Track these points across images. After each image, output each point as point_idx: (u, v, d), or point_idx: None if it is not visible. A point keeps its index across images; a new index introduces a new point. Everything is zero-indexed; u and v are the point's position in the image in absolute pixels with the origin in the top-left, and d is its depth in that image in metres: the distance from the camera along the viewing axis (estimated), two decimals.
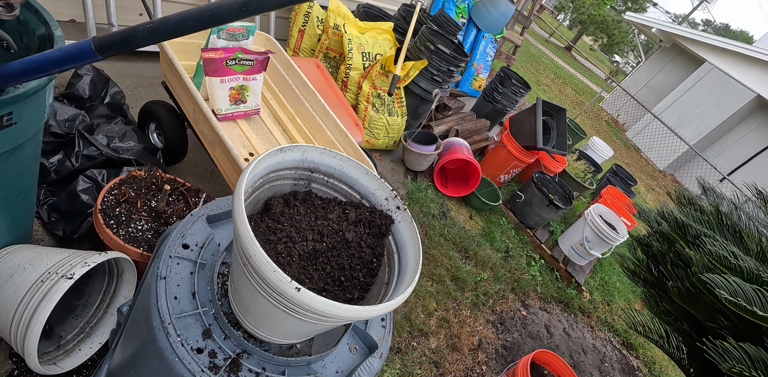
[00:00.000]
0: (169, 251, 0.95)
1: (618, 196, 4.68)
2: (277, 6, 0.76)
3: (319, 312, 0.71)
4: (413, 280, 0.86)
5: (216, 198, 1.16)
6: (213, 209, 1.10)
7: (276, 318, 0.82)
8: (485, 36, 5.64)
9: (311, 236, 0.94)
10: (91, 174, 1.85)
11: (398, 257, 1.01)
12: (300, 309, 0.72)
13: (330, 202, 1.06)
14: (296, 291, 0.67)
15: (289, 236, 0.92)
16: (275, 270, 0.67)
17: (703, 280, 1.31)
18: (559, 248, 4.04)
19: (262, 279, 0.71)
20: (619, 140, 11.71)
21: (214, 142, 1.83)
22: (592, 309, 3.80)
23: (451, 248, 3.35)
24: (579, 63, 23.12)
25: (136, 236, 1.63)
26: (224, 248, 1.06)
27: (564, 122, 4.22)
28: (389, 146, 3.67)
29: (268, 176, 0.94)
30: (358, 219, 1.02)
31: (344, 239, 0.98)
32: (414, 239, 0.99)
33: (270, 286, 0.70)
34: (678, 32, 12.55)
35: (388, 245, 1.04)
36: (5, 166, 1.20)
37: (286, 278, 0.67)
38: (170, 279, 0.91)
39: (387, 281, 0.98)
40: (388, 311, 0.78)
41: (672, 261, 1.77)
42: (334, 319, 0.75)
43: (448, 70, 3.47)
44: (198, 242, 1.01)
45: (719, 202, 2.04)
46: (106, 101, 2.34)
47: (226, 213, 1.13)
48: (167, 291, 0.89)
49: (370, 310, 0.74)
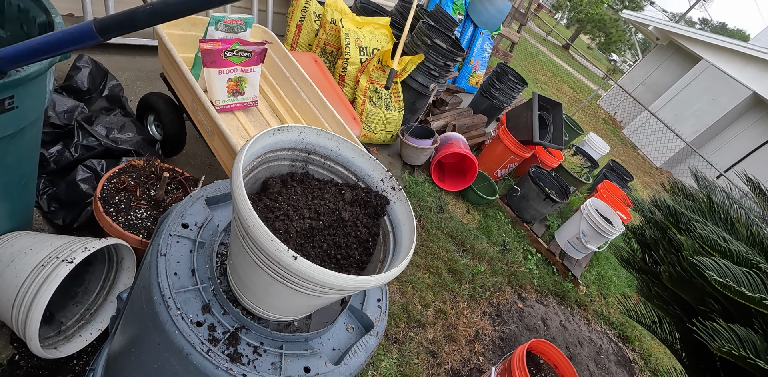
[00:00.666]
0: (169, 229, 0.97)
1: (614, 190, 4.71)
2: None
3: (316, 281, 0.73)
4: (408, 254, 0.88)
5: (215, 181, 1.18)
6: (212, 191, 1.13)
7: (273, 292, 0.84)
8: (482, 33, 5.66)
9: (308, 214, 0.97)
10: (90, 164, 1.86)
11: (393, 236, 1.03)
12: (297, 278, 0.74)
13: (327, 183, 1.08)
14: (293, 260, 0.70)
15: (287, 214, 0.94)
16: (273, 239, 0.69)
17: (694, 263, 1.33)
18: (555, 242, 4.07)
19: (260, 249, 0.73)
20: (616, 137, 11.76)
21: (213, 132, 1.85)
22: (588, 302, 3.83)
23: (448, 242, 3.37)
24: (576, 61, 23.17)
25: (135, 224, 1.65)
26: (222, 229, 1.08)
27: (560, 117, 4.25)
28: (386, 140, 3.69)
29: (265, 156, 0.96)
30: (354, 199, 1.04)
31: (340, 218, 1.00)
32: (408, 218, 1.01)
33: (268, 256, 0.72)
34: (674, 30, 12.60)
35: (383, 225, 1.06)
36: (7, 150, 1.21)
37: (283, 247, 0.69)
38: (170, 256, 0.93)
39: (382, 259, 1.00)
40: (384, 282, 0.80)
41: (664, 248, 1.80)
42: (329, 289, 0.78)
43: (445, 64, 3.49)
44: (197, 222, 1.03)
45: (711, 191, 2.07)
46: (105, 93, 2.36)
47: (224, 195, 1.15)
48: (167, 267, 0.91)
49: (366, 280, 0.76)
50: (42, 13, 1.25)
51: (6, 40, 1.37)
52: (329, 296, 0.85)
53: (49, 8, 1.22)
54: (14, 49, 0.98)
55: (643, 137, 12.11)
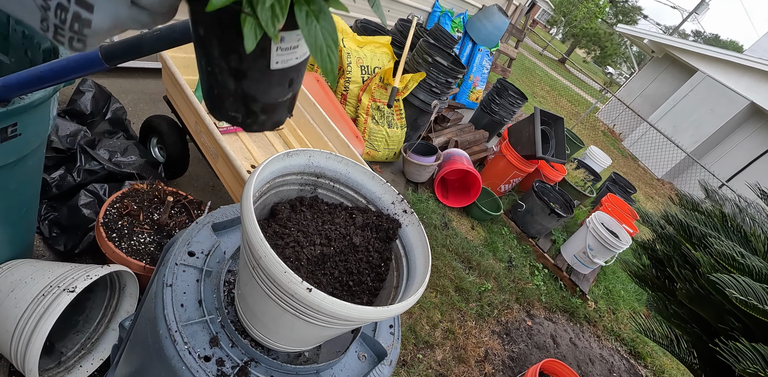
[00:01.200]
0: (175, 258, 0.94)
1: (619, 203, 4.68)
2: None
3: (330, 314, 0.70)
4: (423, 282, 0.85)
5: (221, 206, 1.15)
6: (218, 217, 1.10)
7: (285, 323, 0.81)
8: (481, 49, 5.71)
9: (319, 240, 0.94)
10: (92, 188, 1.84)
11: (406, 260, 1.00)
12: (310, 310, 0.71)
13: (336, 207, 1.05)
14: (307, 292, 0.66)
15: (297, 241, 0.91)
16: (286, 271, 0.66)
17: (712, 280, 1.30)
18: (562, 257, 4.02)
19: (272, 281, 0.70)
20: (616, 149, 11.77)
21: (217, 154, 1.84)
22: (597, 318, 3.76)
23: (454, 259, 3.33)
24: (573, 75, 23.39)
25: (138, 249, 1.62)
26: (230, 255, 1.05)
27: (562, 131, 4.25)
28: (389, 157, 3.68)
29: (274, 180, 0.94)
30: (365, 223, 1.01)
31: (352, 244, 0.97)
32: (422, 242, 0.98)
33: (280, 288, 0.69)
34: (669, 43, 12.73)
35: (396, 249, 1.03)
36: (9, 177, 1.19)
37: (297, 279, 0.66)
38: (176, 287, 0.90)
39: (396, 285, 0.97)
40: (400, 312, 0.77)
41: (678, 263, 1.76)
42: (344, 321, 0.74)
43: (446, 81, 3.50)
44: (204, 249, 1.00)
45: (722, 204, 2.04)
46: (108, 116, 2.35)
47: (231, 221, 1.12)
48: (173, 299, 0.87)
49: (382, 311, 0.73)
50: (46, 39, 1.24)
51: (10, 66, 1.36)
52: (343, 327, 0.82)
53: None
54: (18, 77, 0.96)
55: (643, 149, 12.13)
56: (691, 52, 11.95)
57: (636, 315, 4.13)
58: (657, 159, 11.57)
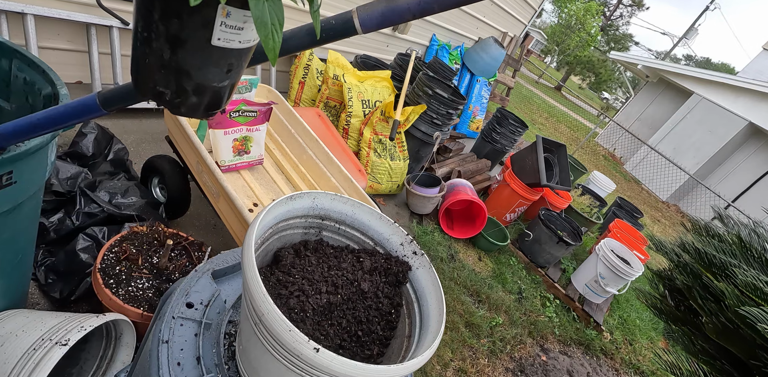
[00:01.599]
0: (172, 311, 0.88)
1: (627, 229, 4.60)
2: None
3: (340, 375, 0.64)
4: (438, 333, 0.79)
5: (221, 251, 1.10)
6: (218, 264, 1.05)
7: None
8: (479, 80, 5.79)
9: (325, 288, 0.88)
10: (91, 232, 1.80)
11: (419, 306, 0.95)
12: (317, 371, 0.65)
13: (342, 250, 1.01)
14: (315, 352, 0.61)
15: (302, 290, 0.86)
16: (291, 329, 0.60)
17: (741, 314, 1.22)
18: (573, 287, 3.91)
19: (276, 339, 0.64)
20: (618, 173, 11.75)
21: (218, 193, 1.80)
22: (614, 349, 3.62)
23: (462, 293, 3.23)
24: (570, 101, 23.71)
25: (136, 296, 1.56)
26: (231, 305, 0.99)
27: (565, 158, 4.23)
28: (393, 190, 3.65)
29: (277, 225, 0.89)
30: (373, 267, 0.96)
31: (360, 290, 0.92)
32: (435, 286, 0.93)
33: (284, 347, 0.64)
34: (663, 67, 12.94)
35: (406, 294, 0.98)
36: (2, 226, 1.15)
37: (303, 338, 0.61)
38: (173, 343, 0.84)
39: (408, 334, 0.91)
40: (415, 369, 0.71)
41: (700, 295, 1.68)
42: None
43: (447, 113, 3.51)
44: (203, 299, 0.95)
45: (738, 228, 1.97)
46: (110, 157, 2.34)
47: (232, 267, 1.07)
48: (170, 357, 0.81)
49: (395, 370, 0.67)
50: (48, 85, 1.23)
51: (11, 112, 1.35)
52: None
53: (54, 80, 1.20)
54: (14, 125, 0.94)
55: (645, 172, 12.10)
56: (686, 75, 12.12)
57: (655, 347, 3.97)
58: (660, 182, 11.52)
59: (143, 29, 0.45)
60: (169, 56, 0.47)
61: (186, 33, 0.45)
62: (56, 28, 2.43)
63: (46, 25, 2.37)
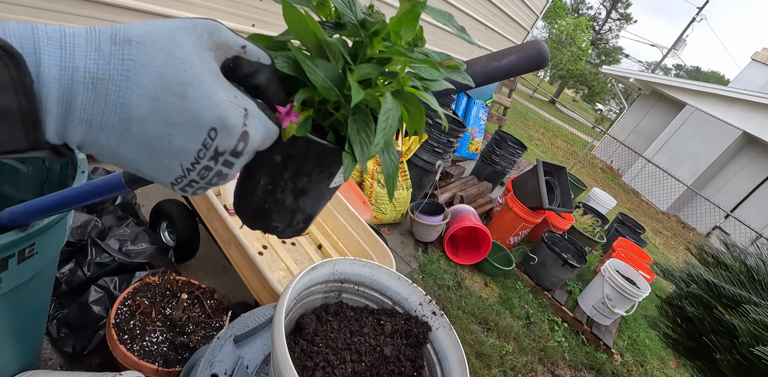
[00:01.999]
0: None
1: (631, 248, 4.61)
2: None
3: None
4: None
5: (241, 314, 1.11)
6: (239, 329, 1.06)
7: None
8: (476, 102, 5.87)
9: (349, 356, 0.90)
10: (103, 283, 1.80)
11: (440, 369, 0.96)
12: None
13: (362, 311, 1.02)
14: None
15: (327, 360, 0.87)
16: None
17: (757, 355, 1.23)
18: (580, 309, 3.90)
19: None
20: (616, 185, 11.81)
21: (229, 240, 1.82)
22: (626, 373, 3.59)
23: (471, 321, 3.22)
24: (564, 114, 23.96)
25: (150, 351, 1.56)
26: (253, 371, 1.00)
27: (566, 180, 4.26)
28: (397, 219, 3.66)
29: (299, 295, 0.91)
30: (394, 330, 0.97)
31: (383, 355, 0.93)
32: (456, 349, 0.94)
33: None
34: (655, 80, 13.14)
35: (428, 356, 0.99)
36: (23, 294, 1.16)
37: None
38: None
39: None
40: None
41: (712, 328, 1.69)
42: None
43: (448, 141, 3.56)
44: (227, 369, 0.96)
45: (745, 257, 1.99)
46: (118, 201, 2.36)
47: (252, 330, 1.08)
48: None
49: None
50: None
51: (27, 175, 1.37)
52: None
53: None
54: (39, 204, 0.96)
55: (643, 183, 12.18)
56: (677, 87, 12.31)
57: (667, 367, 3.95)
58: (659, 193, 11.58)
59: (269, 184, 0.49)
60: (290, 202, 0.50)
61: (312, 185, 0.50)
62: None
63: None
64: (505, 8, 6.40)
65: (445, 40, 5.82)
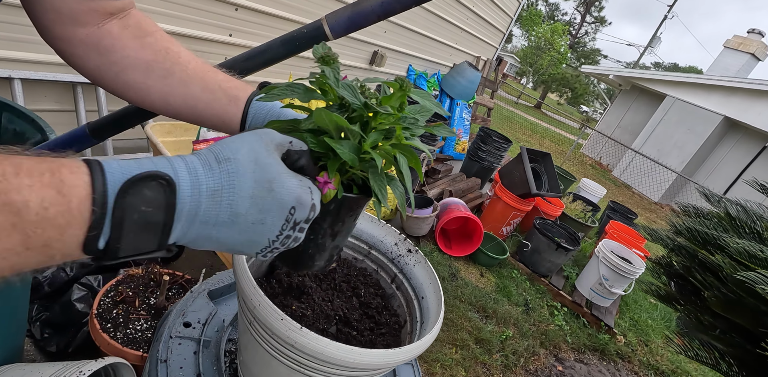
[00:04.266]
0: (169, 331, 0.88)
1: (623, 229, 4.62)
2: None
3: (342, 363, 0.64)
4: (438, 318, 0.79)
5: (216, 273, 1.11)
6: (214, 284, 1.05)
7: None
8: (459, 103, 5.94)
9: (321, 296, 0.89)
10: (86, 281, 1.79)
11: (418, 303, 0.95)
12: (319, 363, 0.65)
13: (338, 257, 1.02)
14: (307, 337, 0.62)
15: (297, 296, 0.87)
16: (283, 318, 0.61)
17: (739, 280, 1.23)
18: (578, 293, 3.87)
19: (270, 333, 0.65)
20: (607, 180, 11.87)
21: None
22: (630, 352, 3.55)
23: (468, 310, 3.19)
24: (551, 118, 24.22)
25: (134, 338, 1.54)
26: (229, 323, 0.99)
27: (551, 166, 4.29)
28: (387, 215, 3.66)
29: None
30: (368, 275, 0.97)
31: (359, 300, 0.93)
32: (432, 279, 0.94)
33: (279, 339, 0.64)
34: (633, 75, 13.37)
35: (406, 293, 0.98)
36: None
37: (296, 325, 0.61)
38: (172, 362, 0.83)
39: (410, 331, 0.91)
40: (418, 352, 0.71)
41: (699, 272, 1.69)
42: (359, 371, 0.68)
43: (431, 134, 3.59)
44: (200, 319, 0.95)
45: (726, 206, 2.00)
46: None
47: (228, 286, 1.08)
48: (169, 375, 0.81)
49: (397, 352, 0.67)
50: (37, 132, 1.25)
51: None
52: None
53: (44, 127, 1.23)
54: None
55: (633, 176, 12.26)
56: (656, 80, 12.52)
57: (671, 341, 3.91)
58: (650, 184, 11.66)
59: (311, 234, 0.56)
60: (329, 244, 0.59)
61: (344, 227, 0.60)
62: (43, 90, 2.48)
63: (34, 88, 2.43)
64: (479, 11, 6.54)
65: (430, 47, 5.97)
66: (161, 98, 0.65)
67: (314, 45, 0.55)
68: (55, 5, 0.58)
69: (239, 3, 3.04)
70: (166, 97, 0.65)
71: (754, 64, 13.60)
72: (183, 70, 0.65)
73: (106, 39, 0.62)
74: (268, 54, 0.74)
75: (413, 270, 0.98)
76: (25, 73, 2.29)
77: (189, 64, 0.66)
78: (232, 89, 0.67)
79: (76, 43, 0.61)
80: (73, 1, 0.58)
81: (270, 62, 0.75)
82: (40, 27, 0.61)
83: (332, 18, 0.74)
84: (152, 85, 0.64)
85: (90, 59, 0.63)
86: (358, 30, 0.76)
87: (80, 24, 0.60)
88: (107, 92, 2.60)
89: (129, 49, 0.63)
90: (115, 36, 0.62)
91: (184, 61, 0.66)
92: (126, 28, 0.63)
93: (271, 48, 0.75)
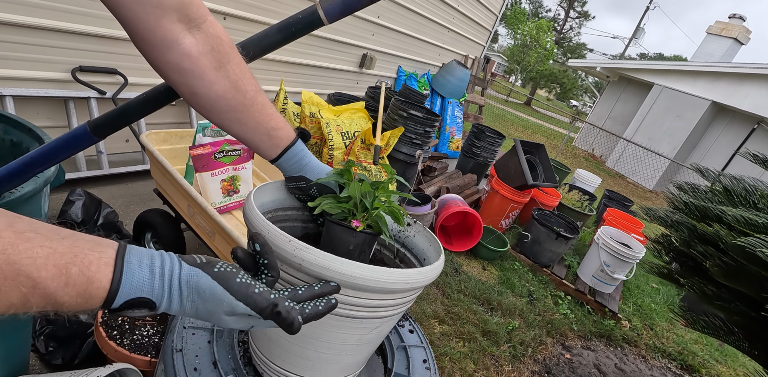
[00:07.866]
0: (183, 322, 0.90)
1: (621, 216, 4.65)
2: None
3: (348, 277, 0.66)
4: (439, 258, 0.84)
5: None
6: None
7: (309, 334, 0.76)
8: (450, 102, 5.99)
9: None
10: None
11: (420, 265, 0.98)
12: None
13: None
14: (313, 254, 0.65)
15: None
16: (291, 240, 0.65)
17: (739, 245, 1.26)
18: (581, 281, 3.90)
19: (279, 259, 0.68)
20: (602, 171, 11.94)
21: (213, 232, 1.83)
22: (636, 337, 3.57)
23: (473, 303, 3.21)
24: (541, 113, 24.34)
25: (141, 344, 1.55)
26: None
27: (546, 157, 4.33)
28: None
29: (276, 212, 0.93)
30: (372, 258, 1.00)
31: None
32: (431, 241, 0.96)
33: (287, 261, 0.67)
34: (621, 65, 13.48)
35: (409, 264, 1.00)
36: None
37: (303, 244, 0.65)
38: (187, 351, 0.85)
39: None
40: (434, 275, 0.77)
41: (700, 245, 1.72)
42: (372, 295, 0.70)
43: (425, 131, 3.62)
44: None
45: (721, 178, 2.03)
46: (100, 222, 2.36)
47: None
48: (185, 363, 0.83)
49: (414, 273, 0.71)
50: (34, 141, 1.27)
51: None
52: (372, 314, 0.76)
53: (41, 136, 1.24)
54: (7, 169, 0.97)
55: (627, 165, 12.33)
56: (642, 69, 12.63)
57: (676, 324, 3.93)
58: (643, 172, 11.73)
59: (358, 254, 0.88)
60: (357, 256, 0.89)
61: (364, 256, 0.92)
62: (35, 106, 2.50)
63: (26, 105, 2.44)
64: (465, 10, 6.60)
65: (418, 47, 6.04)
66: (217, 123, 0.77)
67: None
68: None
69: (227, 12, 3.07)
70: (221, 125, 0.77)
71: (737, 48, 13.75)
72: (244, 111, 0.74)
73: (186, 63, 0.67)
74: (265, 41, 0.77)
75: (414, 241, 1.00)
76: (16, 90, 2.31)
77: (252, 106, 0.75)
78: (276, 138, 0.81)
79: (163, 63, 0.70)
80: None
81: (268, 49, 0.78)
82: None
83: (326, 2, 0.76)
84: (213, 115, 0.75)
85: (169, 76, 0.71)
86: (352, 13, 0.78)
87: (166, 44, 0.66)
88: (99, 107, 2.60)
89: (205, 79, 0.69)
90: (194, 59, 0.68)
91: (248, 103, 0.74)
92: (203, 55, 0.68)
93: (268, 35, 0.77)
